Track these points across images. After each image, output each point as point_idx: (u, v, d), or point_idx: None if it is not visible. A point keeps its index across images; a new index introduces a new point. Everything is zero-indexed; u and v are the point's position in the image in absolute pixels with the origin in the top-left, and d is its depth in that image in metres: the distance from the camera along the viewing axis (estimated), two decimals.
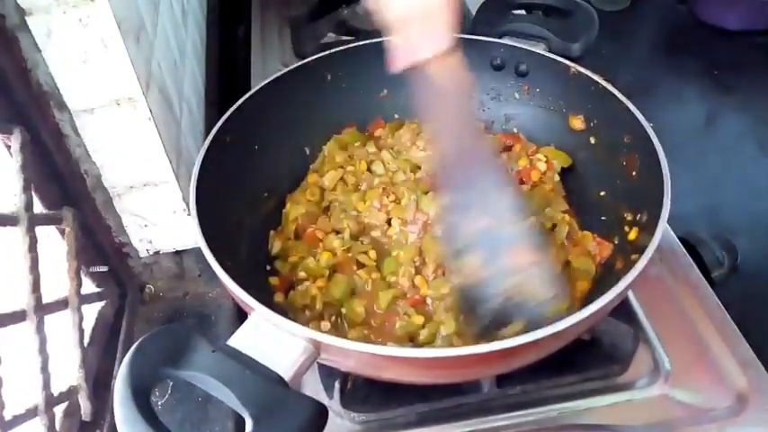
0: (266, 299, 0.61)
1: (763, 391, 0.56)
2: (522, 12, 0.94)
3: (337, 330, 0.58)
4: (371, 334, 0.57)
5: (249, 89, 0.68)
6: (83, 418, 0.56)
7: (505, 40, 0.75)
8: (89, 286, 0.64)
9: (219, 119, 0.64)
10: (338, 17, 1.03)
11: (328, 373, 0.58)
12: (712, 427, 0.55)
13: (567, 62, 0.68)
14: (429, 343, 0.56)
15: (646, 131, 0.58)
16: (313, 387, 0.58)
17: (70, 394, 0.55)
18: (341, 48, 0.74)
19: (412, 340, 0.57)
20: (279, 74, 0.70)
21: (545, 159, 0.70)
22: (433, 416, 0.57)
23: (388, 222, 0.66)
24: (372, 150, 0.73)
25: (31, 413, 0.49)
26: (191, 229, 0.53)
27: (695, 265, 0.68)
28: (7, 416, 0.47)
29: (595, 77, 0.65)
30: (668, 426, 0.55)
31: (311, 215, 0.67)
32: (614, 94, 0.63)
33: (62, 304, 0.55)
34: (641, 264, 0.47)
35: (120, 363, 0.42)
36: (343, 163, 0.71)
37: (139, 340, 0.41)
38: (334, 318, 0.59)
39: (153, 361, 0.40)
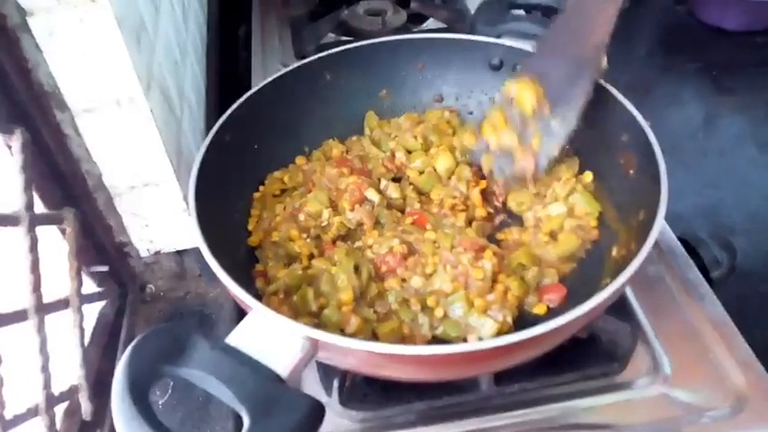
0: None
1: (762, 391, 0.56)
2: (521, 12, 0.94)
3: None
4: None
5: (249, 89, 0.68)
6: (83, 418, 0.57)
7: (504, 40, 0.75)
8: (90, 286, 0.64)
9: (220, 118, 0.64)
10: (338, 17, 1.03)
11: (327, 372, 0.58)
12: (711, 426, 0.55)
13: None
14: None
15: (643, 131, 0.58)
16: (312, 386, 0.58)
17: (71, 394, 0.55)
18: (341, 48, 0.74)
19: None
20: (279, 74, 0.71)
21: None
22: (431, 414, 0.57)
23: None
24: (367, 144, 0.74)
25: (32, 413, 0.50)
26: (191, 229, 0.53)
27: (694, 265, 0.68)
28: (8, 415, 0.47)
29: None
30: (667, 425, 0.55)
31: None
32: (612, 94, 0.63)
33: (63, 304, 0.55)
34: (637, 261, 0.47)
35: None
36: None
37: (137, 338, 0.42)
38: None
39: (151, 358, 0.40)
